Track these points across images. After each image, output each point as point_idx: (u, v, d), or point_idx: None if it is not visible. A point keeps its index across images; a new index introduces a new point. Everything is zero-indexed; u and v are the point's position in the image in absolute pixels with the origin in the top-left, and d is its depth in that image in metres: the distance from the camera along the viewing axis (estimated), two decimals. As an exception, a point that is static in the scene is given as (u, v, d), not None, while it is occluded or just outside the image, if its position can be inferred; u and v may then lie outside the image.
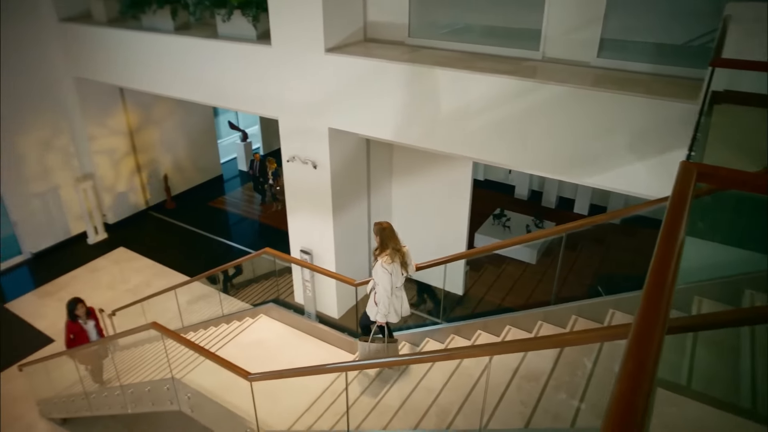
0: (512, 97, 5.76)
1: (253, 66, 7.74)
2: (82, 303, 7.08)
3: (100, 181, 11.82)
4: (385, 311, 4.92)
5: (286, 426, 4.69)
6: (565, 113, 5.47)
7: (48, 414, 7.54)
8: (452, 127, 6.27)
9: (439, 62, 6.28)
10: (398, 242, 5.00)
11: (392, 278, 4.86)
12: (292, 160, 8.01)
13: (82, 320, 7.05)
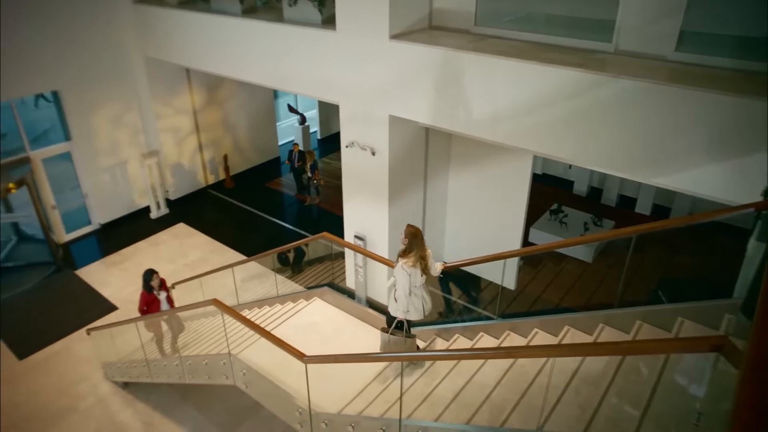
0: (581, 90, 5.56)
1: (317, 51, 7.79)
2: (156, 274, 7.28)
3: (164, 158, 12.27)
4: (404, 308, 5.19)
5: (336, 409, 4.76)
6: (638, 109, 5.24)
7: (111, 377, 7.96)
8: (516, 119, 6.13)
9: (504, 52, 6.12)
10: (424, 249, 5.20)
11: (411, 279, 5.11)
12: (351, 145, 8.04)
13: (156, 291, 7.24)
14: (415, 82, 6.84)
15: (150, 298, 7.24)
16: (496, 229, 8.97)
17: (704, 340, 2.48)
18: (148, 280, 7.22)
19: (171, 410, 7.50)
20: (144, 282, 7.25)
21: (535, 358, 3.76)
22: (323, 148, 15.59)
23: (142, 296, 7.29)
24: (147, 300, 7.24)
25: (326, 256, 8.18)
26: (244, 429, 7.17)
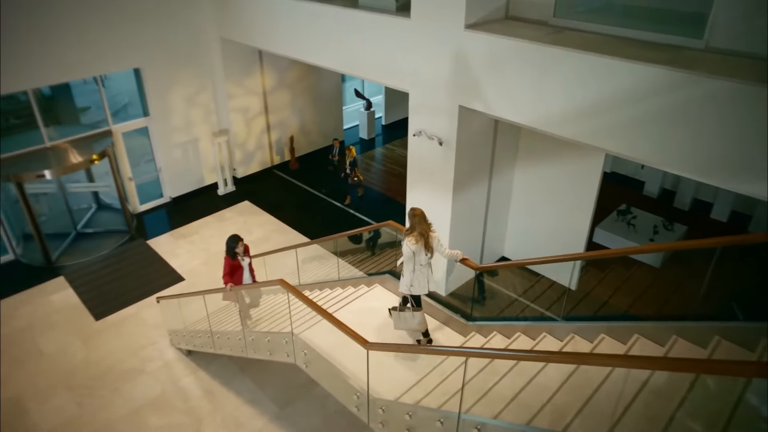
0: (666, 89, 5.30)
1: (390, 37, 7.78)
2: (241, 241, 7.11)
3: (233, 137, 12.65)
4: (408, 284, 5.72)
5: (393, 396, 4.82)
6: (730, 112, 4.94)
7: (176, 344, 8.37)
8: (592, 116, 5.92)
9: (584, 46, 5.90)
10: (426, 228, 5.70)
11: (415, 257, 5.63)
12: (419, 134, 8.02)
13: (240, 257, 7.14)
14: (488, 74, 6.72)
15: (234, 264, 7.10)
16: (560, 228, 8.76)
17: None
18: (232, 246, 7.05)
19: (230, 381, 7.81)
20: (228, 248, 7.08)
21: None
22: (387, 134, 15.63)
23: (225, 261, 7.11)
24: (231, 266, 7.10)
25: (389, 243, 8.23)
26: (298, 405, 7.38)
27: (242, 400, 7.48)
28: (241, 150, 13.01)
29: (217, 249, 10.77)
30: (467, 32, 6.77)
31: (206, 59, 11.88)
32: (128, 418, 7.28)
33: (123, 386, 7.77)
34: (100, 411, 7.40)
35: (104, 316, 9.10)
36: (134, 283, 9.85)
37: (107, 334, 8.72)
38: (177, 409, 7.41)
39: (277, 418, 7.22)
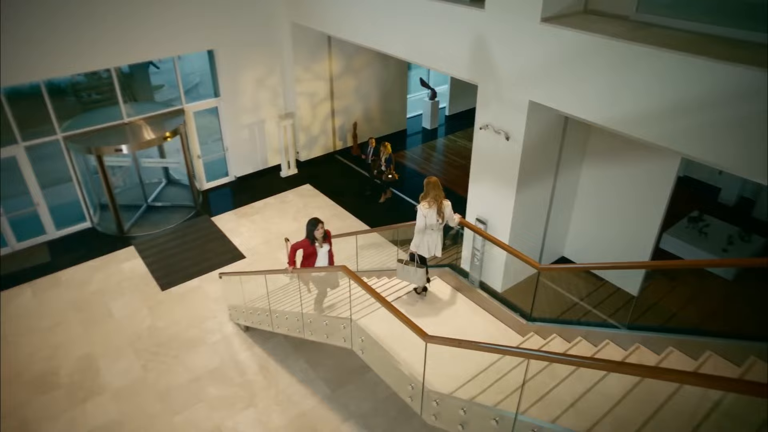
0: (755, 92, 4.98)
1: (462, 28, 7.67)
2: (322, 224, 6.62)
3: (298, 120, 12.87)
4: (417, 244, 6.37)
5: (448, 390, 4.83)
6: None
7: (235, 319, 8.67)
8: (671, 118, 5.65)
9: (667, 44, 5.62)
10: (440, 194, 6.28)
11: (426, 220, 6.24)
12: (485, 128, 7.91)
13: (318, 242, 6.69)
14: (563, 70, 6.52)
15: (309, 249, 6.67)
16: (626, 232, 8.46)
17: None
18: (311, 229, 6.58)
19: (284, 359, 8.04)
20: (307, 231, 6.64)
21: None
22: (450, 125, 15.49)
23: (299, 244, 6.73)
24: (304, 249, 6.69)
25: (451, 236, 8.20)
26: (349, 389, 7.52)
27: (295, 379, 7.69)
28: (306, 134, 13.23)
29: (277, 229, 11.05)
30: (543, 25, 6.59)
31: (276, 43, 12.11)
32: (188, 386, 7.63)
33: (184, 355, 8.14)
34: (162, 376, 7.79)
35: (169, 286, 9.53)
36: (198, 258, 10.26)
37: (171, 304, 9.14)
38: (233, 381, 7.70)
39: (328, 399, 7.38)
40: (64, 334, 8.58)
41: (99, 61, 10.07)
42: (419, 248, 6.44)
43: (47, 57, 9.43)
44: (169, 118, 11.28)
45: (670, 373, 3.18)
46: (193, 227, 11.22)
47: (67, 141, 10.34)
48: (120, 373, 7.85)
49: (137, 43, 10.27)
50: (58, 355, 8.18)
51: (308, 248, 6.67)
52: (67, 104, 11.12)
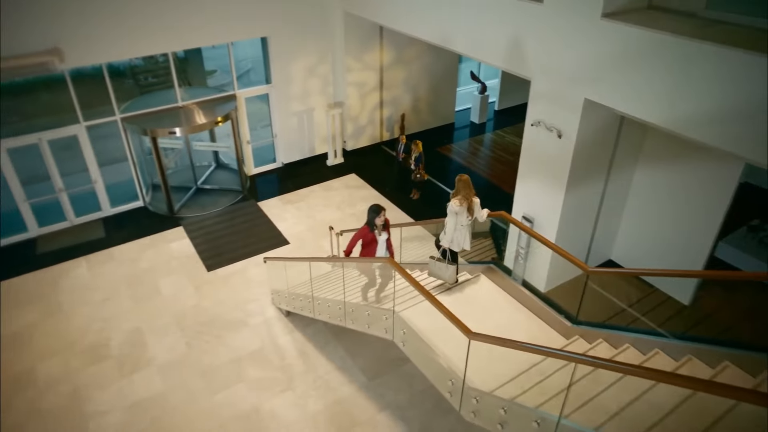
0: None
1: (518, 22, 7.52)
2: (384, 212, 6.49)
3: (347, 110, 12.93)
4: (449, 240, 6.57)
5: (488, 388, 4.79)
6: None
7: (277, 303, 8.83)
8: (738, 121, 5.38)
9: (738, 42, 5.34)
10: (470, 192, 6.41)
11: (457, 216, 6.42)
12: (537, 124, 7.76)
13: (377, 230, 6.53)
14: (622, 68, 6.31)
15: (369, 236, 6.52)
16: (679, 238, 8.16)
17: None
18: (373, 216, 6.42)
19: (323, 346, 8.14)
20: (368, 217, 6.48)
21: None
22: (499, 120, 15.25)
23: (359, 232, 6.58)
24: (364, 237, 6.54)
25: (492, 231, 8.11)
26: (386, 379, 7.56)
27: (333, 366, 7.78)
28: (353, 123, 13.28)
29: (321, 217, 11.16)
30: (604, 21, 6.39)
31: (328, 32, 12.17)
32: (230, 365, 7.83)
33: (227, 335, 8.35)
34: (205, 354, 8.02)
35: (215, 268, 9.78)
36: (243, 241, 10.47)
37: (217, 285, 9.38)
38: (273, 364, 7.85)
39: (365, 388, 7.44)
40: (115, 307, 8.94)
41: (157, 45, 10.37)
42: (451, 244, 6.62)
43: (109, 41, 9.77)
44: (221, 103, 11.51)
45: (725, 388, 3.05)
46: (239, 211, 11.46)
47: (124, 122, 10.71)
48: (166, 349, 8.12)
49: (194, 29, 10.51)
50: (108, 328, 8.53)
51: (368, 236, 6.52)
52: (125, 87, 11.49)
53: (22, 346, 8.20)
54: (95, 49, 9.73)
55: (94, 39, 9.62)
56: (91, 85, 10.42)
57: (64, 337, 8.36)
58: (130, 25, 9.84)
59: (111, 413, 7.15)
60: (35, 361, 7.96)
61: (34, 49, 9.20)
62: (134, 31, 9.93)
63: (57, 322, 8.63)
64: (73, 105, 10.15)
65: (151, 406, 7.23)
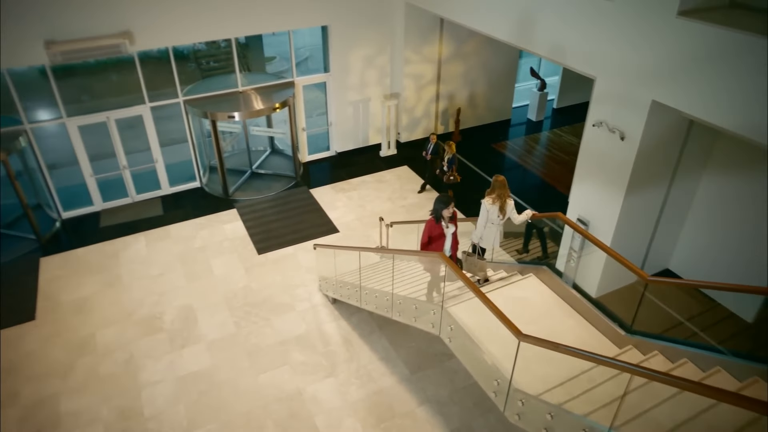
0: None
1: (585, 18, 7.27)
2: (453, 203, 6.26)
3: (403, 101, 12.90)
4: (479, 235, 6.75)
5: (535, 391, 4.70)
6: None
7: (324, 290, 8.94)
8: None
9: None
10: (505, 193, 6.57)
11: (488, 214, 6.58)
12: (599, 125, 7.52)
13: (444, 223, 6.26)
14: (697, 69, 6.01)
15: (436, 229, 6.28)
16: (745, 251, 7.77)
17: None
18: (439, 208, 6.15)
19: (367, 335, 8.20)
20: (434, 209, 6.22)
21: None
22: (557, 118, 14.87)
23: (428, 225, 6.35)
24: (432, 230, 6.32)
25: (552, 233, 7.95)
26: (428, 373, 7.55)
27: (376, 356, 7.83)
28: (408, 115, 13.24)
29: (371, 208, 11.21)
30: (679, 19, 6.10)
31: (389, 23, 12.14)
32: (275, 347, 7.99)
33: (274, 318, 8.53)
34: (253, 335, 8.21)
35: (266, 251, 9.99)
36: (294, 227, 10.64)
37: (266, 268, 9.58)
38: (317, 350, 7.97)
39: (407, 380, 7.45)
40: (169, 283, 9.27)
41: (221, 30, 10.62)
42: (481, 240, 6.83)
43: (176, 25, 10.08)
44: (278, 89, 11.69)
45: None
46: (292, 197, 11.64)
47: (186, 104, 11.04)
48: (215, 327, 8.37)
49: (257, 15, 10.69)
50: (162, 302, 8.86)
51: (436, 229, 6.23)
52: (188, 70, 11.83)
53: (84, 314, 8.63)
54: (163, 32, 10.06)
55: (162, 23, 9.95)
56: (157, 67, 10.79)
57: (121, 307, 8.75)
58: (196, 10, 10.11)
59: (162, 383, 7.45)
60: (96, 328, 8.37)
61: (107, 32, 9.59)
62: (200, 16, 10.20)
63: (116, 293, 9.03)
64: (139, 86, 10.54)
65: (199, 380, 7.48)
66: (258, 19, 10.78)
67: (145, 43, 10.04)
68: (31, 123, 10.05)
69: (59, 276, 9.45)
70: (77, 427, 6.89)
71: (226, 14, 10.40)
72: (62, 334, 8.26)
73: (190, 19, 10.14)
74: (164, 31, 10.06)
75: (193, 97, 11.12)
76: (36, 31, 9.13)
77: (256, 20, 10.77)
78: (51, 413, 7.08)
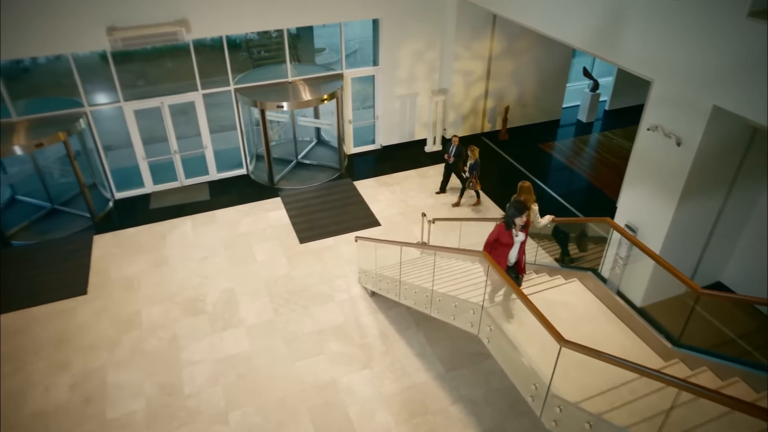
0: None
1: (647, 18, 7.02)
2: (528, 211, 5.77)
3: (450, 97, 12.79)
4: None
5: (574, 399, 4.61)
6: None
7: (363, 282, 8.99)
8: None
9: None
10: (530, 198, 7.04)
11: None
12: (654, 129, 7.27)
13: (515, 230, 5.72)
14: (765, 74, 5.72)
15: (505, 236, 5.71)
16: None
17: None
18: (512, 215, 5.59)
19: (404, 330, 8.20)
20: (508, 214, 5.66)
21: None
22: (608, 120, 14.45)
23: (496, 229, 5.82)
24: (500, 236, 5.75)
25: (592, 237, 7.75)
26: (463, 373, 7.50)
27: (412, 352, 7.83)
28: (455, 112, 13.13)
29: (414, 203, 11.19)
30: (749, 21, 5.81)
31: (440, 18, 12.05)
32: (312, 336, 8.10)
33: (313, 307, 8.63)
34: (291, 322, 8.34)
35: (307, 240, 10.11)
36: (336, 218, 10.73)
37: (307, 258, 9.70)
38: (353, 341, 8.02)
39: (441, 378, 7.43)
40: (212, 267, 9.51)
41: (274, 21, 10.76)
42: None
43: (231, 14, 10.27)
44: (327, 81, 11.78)
45: None
46: (335, 188, 11.73)
47: (237, 93, 11.25)
48: (255, 312, 8.54)
49: (311, 7, 10.79)
50: (205, 285, 9.10)
51: (504, 236, 5.71)
52: (239, 59, 12.07)
53: (132, 291, 8.95)
54: (218, 21, 10.27)
55: (218, 12, 10.16)
56: (210, 55, 11.04)
57: (167, 287, 9.03)
58: (251, 0, 10.27)
59: (202, 364, 7.66)
60: (142, 305, 8.67)
61: (165, 20, 9.87)
62: (254, 7, 10.37)
63: (162, 273, 9.33)
64: (193, 73, 10.81)
65: (238, 363, 7.65)
66: (312, 11, 10.87)
67: (201, 32, 10.28)
68: (90, 106, 10.45)
69: (110, 254, 9.83)
70: (122, 399, 7.17)
71: (281, 5, 10.54)
72: (111, 310, 8.59)
73: (244, 9, 10.32)
74: (219, 21, 10.27)
75: (244, 85, 11.33)
76: (100, 18, 9.48)
77: (309, 11, 10.86)
78: (98, 383, 7.39)
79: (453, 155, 11.03)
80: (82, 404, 7.12)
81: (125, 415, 6.98)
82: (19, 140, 9.53)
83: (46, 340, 8.07)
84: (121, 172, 11.50)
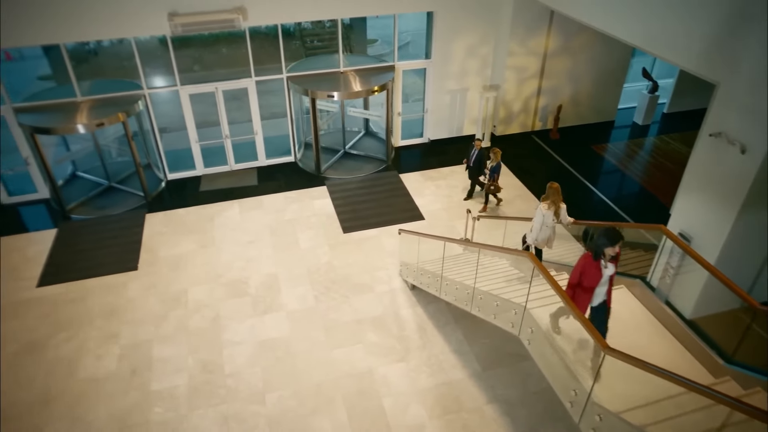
0: None
1: (717, 15, 6.69)
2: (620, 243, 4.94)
3: (502, 94, 12.59)
4: (535, 237, 7.76)
5: (615, 408, 4.49)
6: None
7: (404, 276, 8.99)
8: None
9: None
10: (558, 199, 7.48)
11: (543, 218, 7.55)
12: (716, 135, 6.95)
13: (604, 262, 5.05)
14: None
15: (592, 267, 5.05)
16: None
17: None
18: (602, 244, 4.91)
19: (442, 326, 8.17)
20: (597, 243, 4.97)
21: None
22: (665, 124, 13.92)
23: (582, 260, 5.16)
24: (586, 268, 5.09)
25: (641, 244, 7.50)
26: (500, 372, 7.41)
27: (449, 348, 7.79)
28: (506, 109, 12.92)
29: (458, 199, 11.10)
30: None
31: (496, 12, 11.85)
32: (351, 325, 8.17)
33: (353, 296, 8.70)
34: (330, 310, 8.44)
35: (351, 231, 10.18)
36: (381, 210, 10.76)
37: (350, 247, 9.77)
38: (391, 333, 8.05)
39: (477, 377, 7.37)
40: (257, 251, 9.70)
41: (329, 10, 10.81)
42: (536, 242, 7.75)
43: (287, 2, 10.41)
44: (378, 72, 11.78)
45: None
46: (381, 180, 11.76)
47: (289, 81, 11.40)
48: (296, 298, 8.68)
49: None
50: (249, 268, 9.30)
51: (591, 267, 5.06)
52: (292, 48, 12.20)
53: (179, 270, 9.25)
54: (274, 10, 10.41)
55: (274, 1, 10.29)
56: (265, 43, 11.21)
57: (212, 268, 9.28)
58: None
59: (243, 345, 7.85)
60: (188, 284, 8.95)
61: (223, 7, 10.07)
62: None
63: (209, 254, 9.59)
64: (248, 60, 11.01)
65: (277, 347, 7.81)
66: (367, 1, 10.88)
67: (257, 19, 10.45)
68: (149, 88, 10.80)
69: (161, 232, 10.17)
70: (165, 373, 7.43)
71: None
72: (158, 287, 8.90)
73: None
74: (275, 9, 10.41)
75: (296, 74, 11.46)
76: (162, 3, 9.76)
77: (365, 2, 10.88)
78: (144, 356, 7.68)
79: (475, 159, 10.51)
80: (129, 375, 7.42)
81: (168, 388, 7.24)
82: (82, 119, 9.96)
83: (99, 311, 8.44)
84: (174, 154, 11.87)
